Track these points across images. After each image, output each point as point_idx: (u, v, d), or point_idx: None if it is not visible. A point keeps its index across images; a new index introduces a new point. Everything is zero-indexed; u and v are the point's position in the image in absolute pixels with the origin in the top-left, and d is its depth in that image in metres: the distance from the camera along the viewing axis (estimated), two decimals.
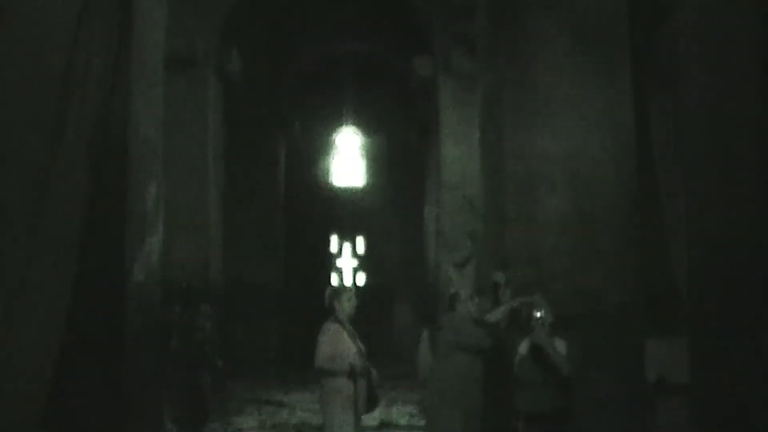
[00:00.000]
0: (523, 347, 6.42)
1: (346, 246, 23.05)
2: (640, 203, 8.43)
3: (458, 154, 12.42)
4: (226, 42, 12.53)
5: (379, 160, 23.35)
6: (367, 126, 22.97)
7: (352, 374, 6.63)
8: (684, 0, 4.33)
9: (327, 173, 23.34)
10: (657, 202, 10.73)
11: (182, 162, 10.96)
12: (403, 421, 11.70)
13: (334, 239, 22.99)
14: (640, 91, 9.34)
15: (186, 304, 9.25)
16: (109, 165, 6.22)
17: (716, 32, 3.86)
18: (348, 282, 21.77)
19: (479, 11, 9.63)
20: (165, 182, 8.15)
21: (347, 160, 23.48)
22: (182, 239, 11.08)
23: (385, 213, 22.47)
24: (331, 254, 22.91)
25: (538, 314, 6.35)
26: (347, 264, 22.92)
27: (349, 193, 23.26)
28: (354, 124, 22.93)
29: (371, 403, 6.96)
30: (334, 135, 23.29)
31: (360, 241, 23.04)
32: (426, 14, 12.71)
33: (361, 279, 22.65)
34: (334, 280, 21.96)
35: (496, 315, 7.28)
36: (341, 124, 22.98)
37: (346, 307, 6.84)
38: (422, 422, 9.83)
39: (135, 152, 6.77)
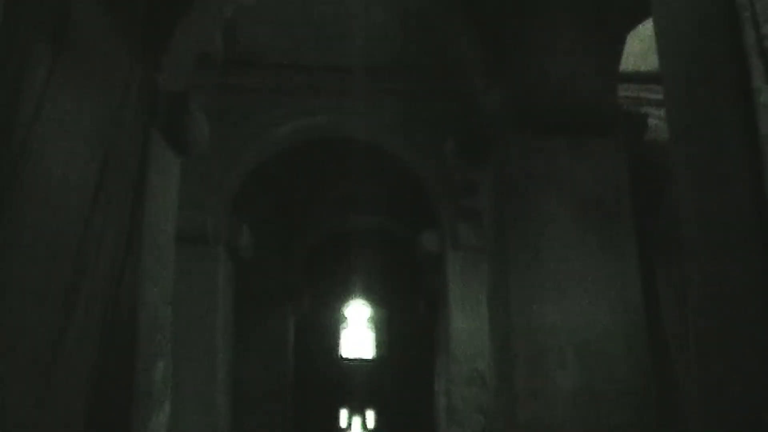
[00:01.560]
0: None
1: (356, 420, 22.66)
2: (654, 378, 8.33)
3: (467, 327, 12.39)
4: (237, 218, 12.74)
5: (388, 333, 23.30)
6: (376, 298, 23.07)
7: None
8: (680, 172, 4.43)
9: (336, 345, 23.25)
10: (671, 376, 10.60)
11: (191, 338, 10.94)
12: None
13: (343, 413, 22.63)
14: (647, 262, 9.41)
15: None
16: (117, 343, 6.24)
17: (714, 205, 3.94)
18: None
19: (484, 187, 9.84)
20: (173, 358, 8.13)
21: (357, 333, 23.44)
22: (189, 415, 10.92)
23: (395, 386, 22.21)
24: (340, 428, 22.49)
25: None
26: None
27: (358, 366, 23.08)
28: (363, 296, 23.05)
29: None
30: (344, 307, 23.36)
31: (370, 415, 22.67)
32: (432, 189, 12.99)
33: None
34: None
35: None
36: (351, 297, 23.10)
37: None
38: None
39: (144, 330, 6.80)
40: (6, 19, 4.19)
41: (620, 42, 8.99)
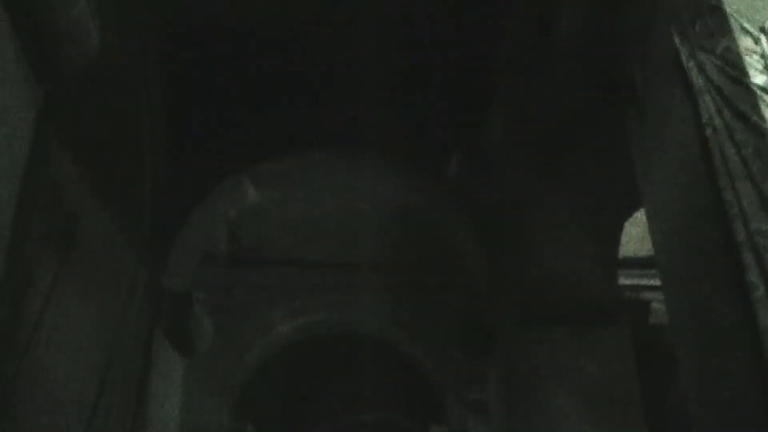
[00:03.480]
0: None
1: None
2: None
3: None
4: (240, 416, 12.54)
5: None
6: None
7: None
8: (684, 365, 4.42)
9: None
10: None
11: None
12: None
13: None
14: None
15: None
16: None
17: (720, 398, 3.90)
18: None
19: (490, 380, 9.74)
20: None
21: None
22: None
23: None
24: None
25: None
26: None
27: None
28: None
29: None
30: None
31: None
32: (438, 382, 12.85)
33: None
34: None
35: None
36: None
37: None
38: None
39: None
40: (13, 229, 4.28)
41: (618, 230, 9.13)
